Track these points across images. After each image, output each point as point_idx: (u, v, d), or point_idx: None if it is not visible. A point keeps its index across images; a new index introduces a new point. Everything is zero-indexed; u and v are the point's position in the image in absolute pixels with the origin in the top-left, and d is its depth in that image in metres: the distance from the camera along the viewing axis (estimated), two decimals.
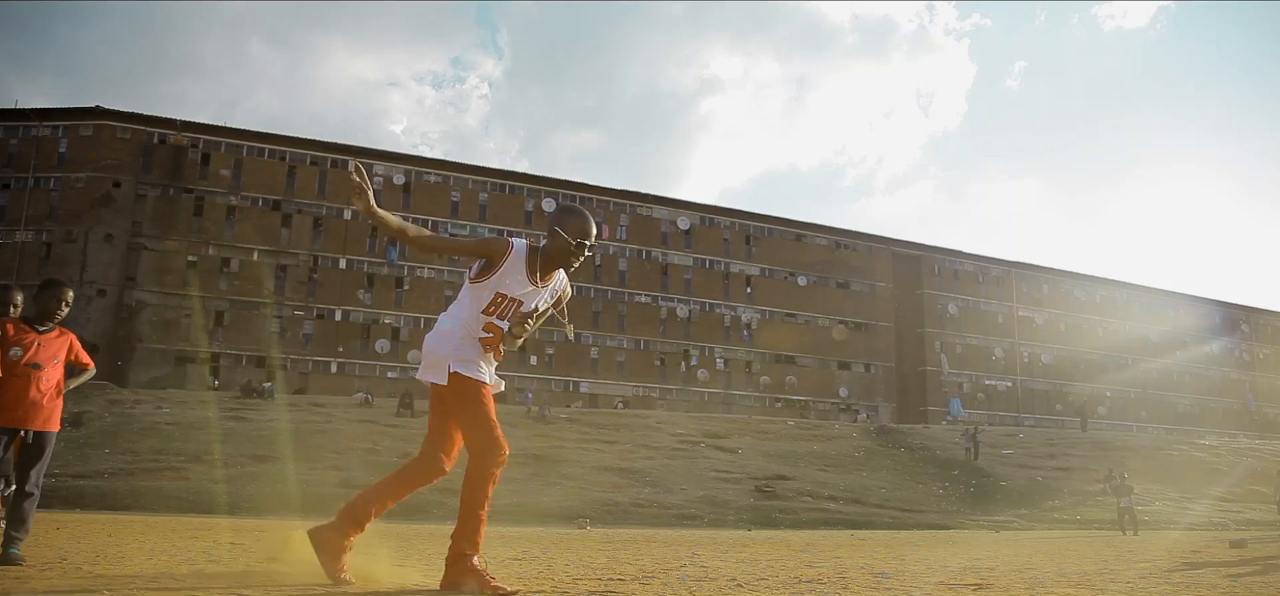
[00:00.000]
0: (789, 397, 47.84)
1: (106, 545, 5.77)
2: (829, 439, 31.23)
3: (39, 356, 4.32)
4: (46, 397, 4.34)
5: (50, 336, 4.41)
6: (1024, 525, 20.74)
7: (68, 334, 4.52)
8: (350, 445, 22.70)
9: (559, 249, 3.25)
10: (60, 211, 38.51)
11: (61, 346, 4.45)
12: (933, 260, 53.52)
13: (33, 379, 4.28)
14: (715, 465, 25.12)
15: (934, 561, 6.19)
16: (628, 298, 46.29)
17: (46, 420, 4.34)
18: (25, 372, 4.26)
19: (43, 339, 4.36)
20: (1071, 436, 36.91)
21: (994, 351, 53.53)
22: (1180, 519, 22.24)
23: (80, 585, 3.15)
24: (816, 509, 21.34)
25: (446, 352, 3.21)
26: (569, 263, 3.29)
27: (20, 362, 4.25)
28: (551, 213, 3.44)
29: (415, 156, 45.32)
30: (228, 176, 41.01)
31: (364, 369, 40.79)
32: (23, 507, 4.25)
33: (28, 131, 39.32)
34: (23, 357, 4.26)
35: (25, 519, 4.24)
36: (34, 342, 4.32)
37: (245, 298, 40.08)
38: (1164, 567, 5.63)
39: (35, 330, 4.36)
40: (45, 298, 4.39)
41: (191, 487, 18.10)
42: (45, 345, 4.36)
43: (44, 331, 4.39)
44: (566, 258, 3.27)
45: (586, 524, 15.81)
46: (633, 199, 47.53)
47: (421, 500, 19.56)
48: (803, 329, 49.43)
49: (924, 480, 26.67)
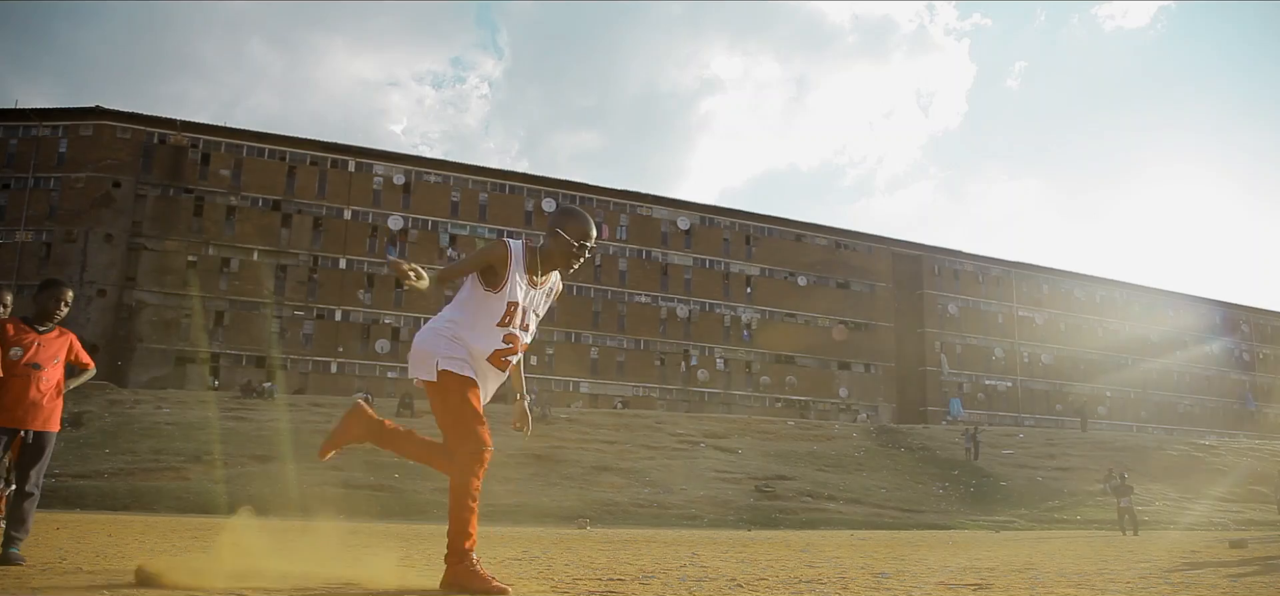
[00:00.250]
0: (789, 397, 47.84)
1: (106, 545, 5.77)
2: (829, 439, 31.23)
3: (39, 356, 4.32)
4: (46, 398, 4.34)
5: (50, 336, 4.40)
6: (1024, 525, 20.74)
7: (68, 334, 4.52)
8: (350, 445, 22.65)
9: (559, 250, 3.24)
10: (60, 211, 38.51)
11: (61, 346, 4.45)
12: (933, 260, 53.52)
13: (33, 379, 4.28)
14: (715, 465, 25.11)
15: (934, 561, 6.19)
16: (628, 298, 46.29)
17: (46, 420, 4.34)
18: (25, 373, 4.26)
19: (43, 339, 4.36)
20: (1071, 436, 36.90)
21: (994, 351, 53.53)
22: (1180, 519, 22.24)
23: (80, 585, 3.15)
24: (816, 509, 21.34)
25: (436, 349, 3.17)
26: (569, 264, 3.27)
27: (20, 363, 4.25)
28: (552, 214, 3.40)
29: (415, 156, 45.34)
30: (228, 176, 41.01)
31: (364, 369, 40.80)
32: (23, 507, 4.26)
33: (28, 131, 39.32)
34: (23, 357, 4.26)
35: (25, 519, 4.25)
36: (34, 342, 4.31)
37: (245, 298, 40.08)
38: (1164, 568, 5.63)
39: (35, 330, 4.35)
40: (45, 298, 4.38)
41: (191, 487, 18.10)
42: (45, 345, 4.36)
43: (44, 331, 4.39)
44: (567, 259, 3.25)
45: (586, 524, 15.82)
46: (633, 199, 47.52)
47: (421, 500, 19.61)
48: (803, 329, 49.43)
49: (924, 480, 26.66)
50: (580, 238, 3.22)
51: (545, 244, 3.28)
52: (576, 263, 3.27)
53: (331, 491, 17.73)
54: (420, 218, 43.49)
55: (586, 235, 3.24)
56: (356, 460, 21.20)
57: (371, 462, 21.29)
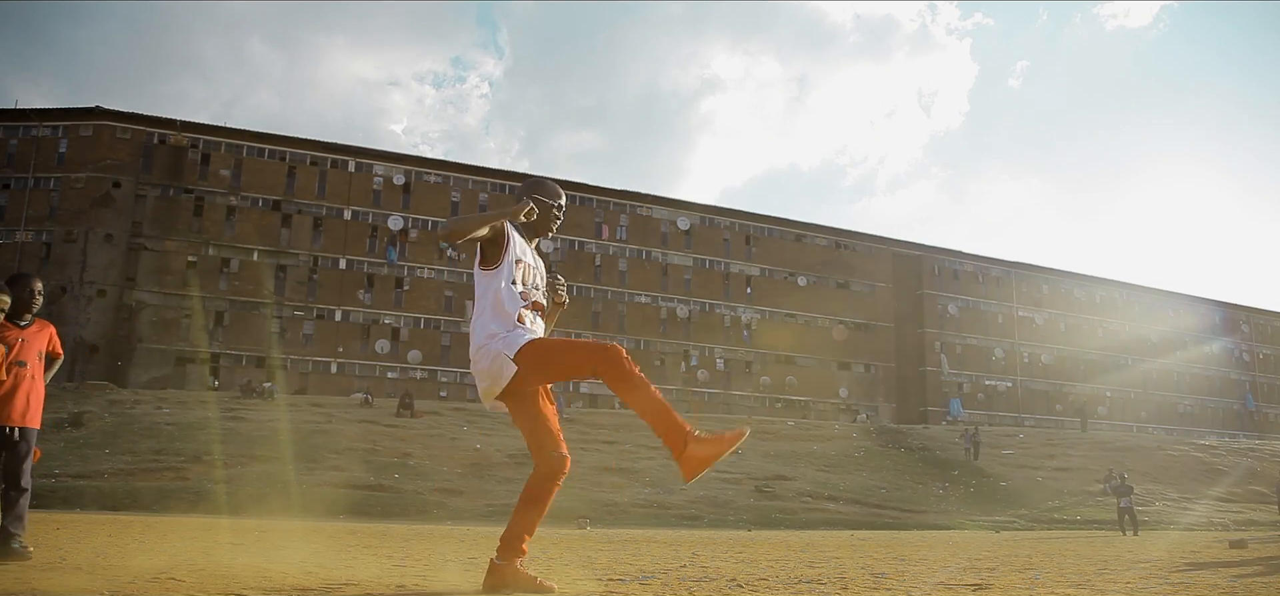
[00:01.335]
0: (789, 398, 47.84)
1: (106, 545, 5.77)
2: (829, 439, 31.22)
3: (24, 353, 4.37)
4: (33, 393, 4.39)
5: (31, 331, 4.45)
6: (1024, 525, 20.74)
7: (48, 326, 4.57)
8: (350, 445, 22.69)
9: (541, 215, 3.39)
10: (60, 211, 38.51)
11: (43, 339, 4.50)
12: (933, 260, 53.53)
13: (18, 376, 4.33)
14: (715, 465, 25.09)
15: (934, 561, 6.19)
16: (628, 298, 46.29)
17: (34, 416, 4.40)
18: (13, 370, 4.31)
19: (26, 334, 4.40)
20: (1071, 436, 36.91)
21: (994, 351, 53.53)
22: (1180, 519, 22.25)
23: (80, 585, 3.15)
24: (816, 509, 21.34)
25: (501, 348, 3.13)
26: (548, 227, 3.44)
27: (7, 360, 4.29)
28: (523, 185, 3.52)
29: (415, 156, 45.34)
30: (228, 176, 41.02)
31: (364, 369, 40.80)
32: (20, 504, 4.30)
33: (28, 131, 39.32)
34: (10, 355, 4.30)
35: (22, 514, 4.30)
36: (17, 338, 4.36)
37: (245, 298, 40.08)
38: (1164, 568, 5.63)
39: (17, 325, 4.39)
40: (18, 292, 4.40)
41: (191, 487, 18.09)
42: (29, 341, 4.41)
43: (25, 326, 4.42)
44: (546, 223, 3.43)
45: (586, 524, 15.81)
46: (633, 199, 47.53)
47: (422, 501, 19.53)
48: (803, 329, 49.44)
49: (924, 480, 26.66)
50: (554, 197, 3.45)
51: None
52: (555, 224, 3.46)
53: (332, 492, 17.73)
54: (420, 218, 43.49)
55: (559, 195, 3.48)
56: (356, 460, 21.21)
57: (371, 462, 21.30)
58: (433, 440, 24.57)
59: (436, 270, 43.24)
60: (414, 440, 24.41)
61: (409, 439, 24.51)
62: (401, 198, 43.45)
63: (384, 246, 42.68)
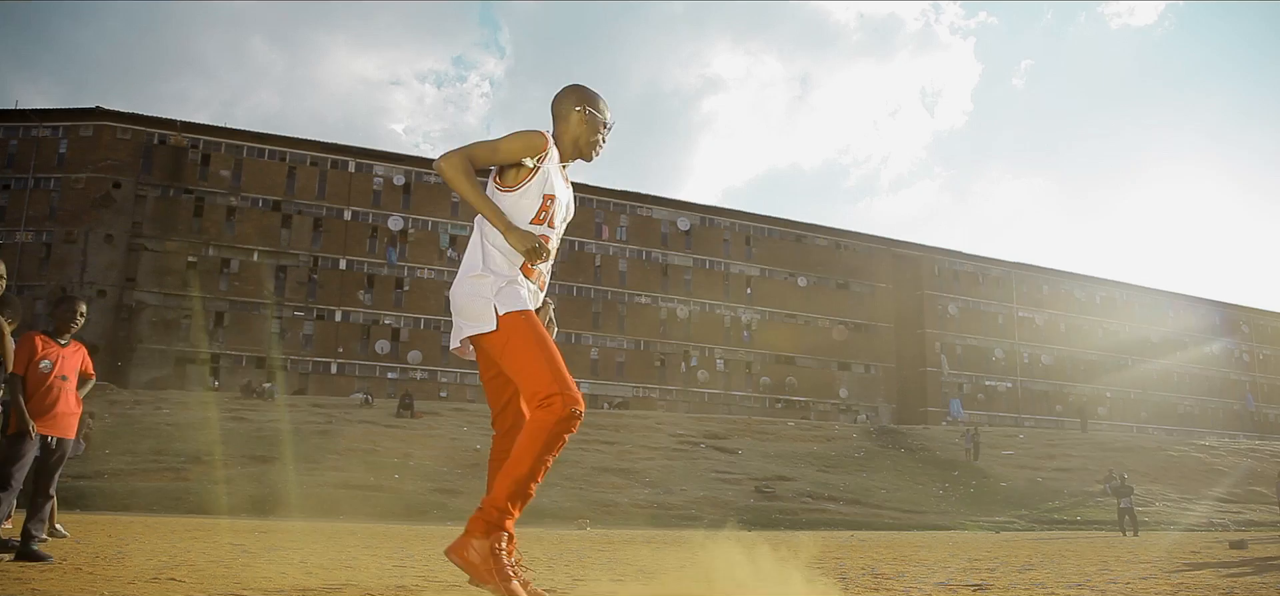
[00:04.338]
0: (789, 398, 47.84)
1: (106, 545, 5.78)
2: (829, 439, 31.22)
3: (66, 368, 4.59)
4: (73, 408, 4.65)
5: (67, 350, 4.64)
6: (1024, 525, 20.74)
7: (81, 348, 4.77)
8: (350, 446, 22.70)
9: (586, 132, 2.74)
10: (60, 212, 38.51)
11: (78, 359, 4.72)
12: (933, 261, 53.53)
13: (62, 390, 4.55)
14: (715, 465, 25.11)
15: (934, 561, 6.19)
16: (628, 298, 46.29)
17: (73, 429, 4.69)
18: (57, 384, 4.53)
19: (64, 352, 4.60)
20: (1071, 437, 36.90)
21: (994, 352, 53.52)
22: (1180, 519, 22.24)
23: (80, 585, 3.15)
24: (816, 509, 21.34)
25: (488, 293, 2.60)
26: (593, 148, 2.78)
27: (52, 374, 4.51)
28: (563, 92, 2.79)
29: (415, 157, 45.32)
30: (228, 177, 41.02)
31: (364, 369, 40.81)
32: (45, 509, 4.57)
33: (28, 132, 39.32)
34: (53, 370, 4.52)
35: (46, 518, 4.62)
36: (58, 355, 4.56)
37: (245, 298, 40.08)
38: (1164, 568, 5.63)
39: (57, 343, 4.58)
40: (62, 312, 4.61)
41: (191, 488, 18.09)
42: (67, 358, 4.61)
43: (63, 344, 4.61)
44: (590, 146, 2.77)
45: (586, 524, 15.82)
46: (633, 199, 47.53)
47: (422, 501, 19.54)
48: (803, 329, 49.44)
49: (924, 481, 26.65)
50: (605, 110, 2.76)
51: (558, 128, 2.80)
52: (600, 149, 2.80)
53: (331, 492, 17.74)
54: (420, 218, 43.49)
55: (608, 115, 2.78)
56: (356, 460, 21.21)
57: (371, 463, 21.30)
58: (433, 440, 24.58)
59: (436, 270, 43.22)
60: (414, 440, 24.41)
61: (409, 439, 24.51)
62: (402, 198, 43.45)
63: (384, 247, 42.68)
